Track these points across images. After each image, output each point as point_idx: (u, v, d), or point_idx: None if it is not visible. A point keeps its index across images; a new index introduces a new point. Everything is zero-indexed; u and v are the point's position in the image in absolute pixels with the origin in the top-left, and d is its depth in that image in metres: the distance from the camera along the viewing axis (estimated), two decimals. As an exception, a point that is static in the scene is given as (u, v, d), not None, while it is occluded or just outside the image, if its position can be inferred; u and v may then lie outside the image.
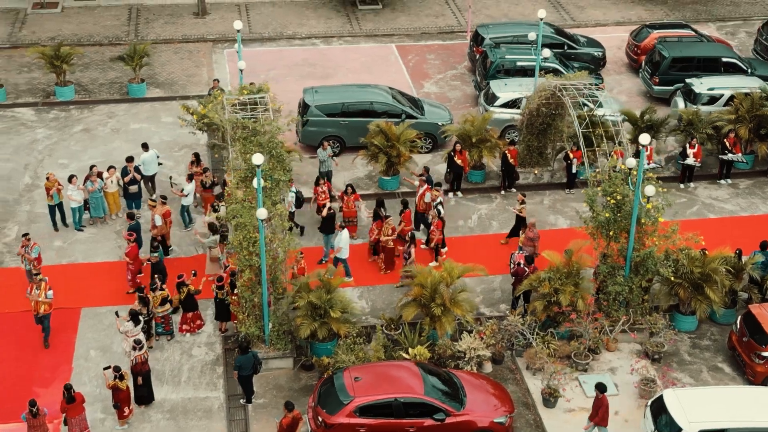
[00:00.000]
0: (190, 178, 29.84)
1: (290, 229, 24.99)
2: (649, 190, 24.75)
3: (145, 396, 23.94)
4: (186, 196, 29.60)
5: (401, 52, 42.40)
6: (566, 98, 30.08)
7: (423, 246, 29.64)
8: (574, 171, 32.67)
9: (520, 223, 29.44)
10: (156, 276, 25.99)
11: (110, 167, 30.56)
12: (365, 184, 33.21)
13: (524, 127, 32.77)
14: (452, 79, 40.41)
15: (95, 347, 25.91)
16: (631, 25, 44.24)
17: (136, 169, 30.58)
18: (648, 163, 32.60)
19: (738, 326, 25.82)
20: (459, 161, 32.20)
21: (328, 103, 34.30)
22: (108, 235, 30.12)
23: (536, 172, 33.38)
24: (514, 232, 29.89)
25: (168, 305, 25.93)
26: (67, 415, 22.47)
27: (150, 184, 31.34)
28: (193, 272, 26.55)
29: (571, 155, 32.48)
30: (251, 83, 31.08)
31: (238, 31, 31.74)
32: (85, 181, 30.09)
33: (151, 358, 25.50)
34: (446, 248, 29.45)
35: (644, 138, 24.77)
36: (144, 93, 38.27)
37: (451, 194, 32.70)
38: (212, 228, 27.83)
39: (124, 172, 30.48)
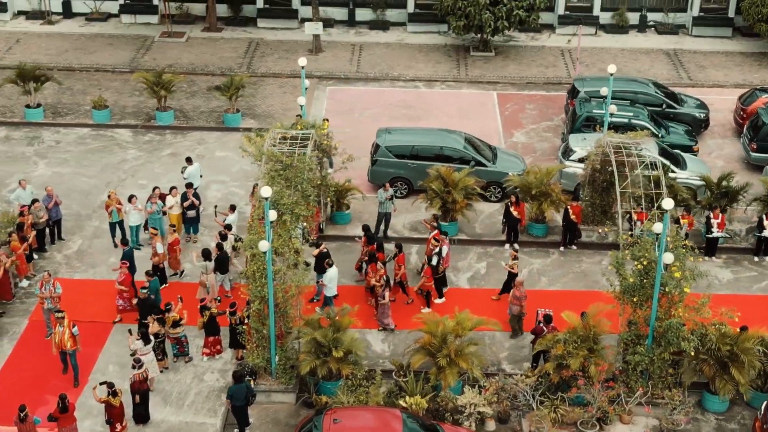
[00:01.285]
0: (233, 208, 30.46)
1: (296, 264, 25.11)
2: (668, 257, 23.59)
3: (141, 414, 24.50)
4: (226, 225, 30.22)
5: (501, 100, 42.02)
6: (629, 157, 29.08)
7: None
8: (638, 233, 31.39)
9: (512, 279, 28.57)
10: (147, 314, 26.18)
11: (172, 188, 31.61)
12: (424, 229, 32.96)
13: (587, 184, 31.82)
14: (545, 130, 39.70)
15: (115, 362, 26.74)
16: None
17: (195, 195, 31.51)
18: (718, 232, 31.06)
19: (762, 412, 24.09)
20: (515, 213, 31.57)
21: (399, 144, 34.40)
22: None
23: (600, 231, 32.28)
24: (506, 289, 29.10)
25: (180, 327, 26.49)
26: (59, 424, 23.24)
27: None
28: (179, 297, 27.02)
29: (634, 216, 31.24)
30: (299, 118, 31.59)
31: (302, 67, 32.30)
32: (147, 202, 31.23)
33: (164, 378, 26.19)
34: (443, 299, 29.08)
35: (667, 203, 23.63)
36: (239, 123, 39.43)
37: (507, 246, 32.06)
38: (205, 254, 28.33)
39: (184, 198, 31.45)
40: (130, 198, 31.15)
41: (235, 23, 48.71)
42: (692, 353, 24.47)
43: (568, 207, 31.52)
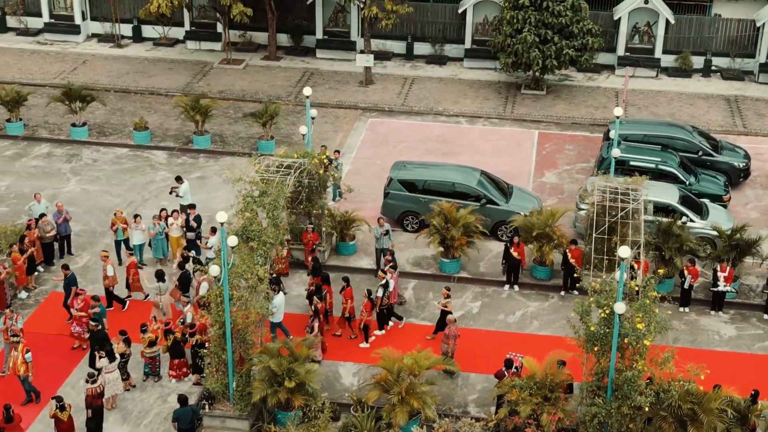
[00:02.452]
0: (213, 230, 30.72)
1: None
2: (619, 307, 22.66)
3: (92, 430, 24.85)
4: (209, 248, 30.50)
5: (541, 139, 41.32)
6: (614, 202, 28.16)
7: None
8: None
9: (445, 317, 27.85)
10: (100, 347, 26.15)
11: (174, 211, 32.18)
12: (427, 264, 32.65)
13: (588, 227, 30.89)
14: (578, 172, 38.80)
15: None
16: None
17: (197, 219, 31.95)
18: (725, 286, 29.72)
19: (719, 476, 22.83)
20: (515, 254, 30.91)
21: (411, 178, 34.19)
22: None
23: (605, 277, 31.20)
24: (440, 327, 28.37)
25: (156, 347, 26.83)
26: (4, 435, 23.83)
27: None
28: (153, 317, 27.30)
29: (635, 265, 30.14)
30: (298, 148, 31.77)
31: (307, 97, 32.33)
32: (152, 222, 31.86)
33: (129, 396, 26.56)
34: (383, 332, 28.88)
35: (623, 251, 22.74)
36: (272, 149, 39.83)
37: (506, 287, 31.41)
38: (158, 275, 28.55)
39: (187, 220, 31.96)
40: (135, 217, 31.83)
41: (295, 53, 49.40)
42: (647, 408, 23.38)
43: (567, 251, 30.69)
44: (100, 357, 25.59)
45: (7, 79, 45.78)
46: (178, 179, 34.06)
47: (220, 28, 49.22)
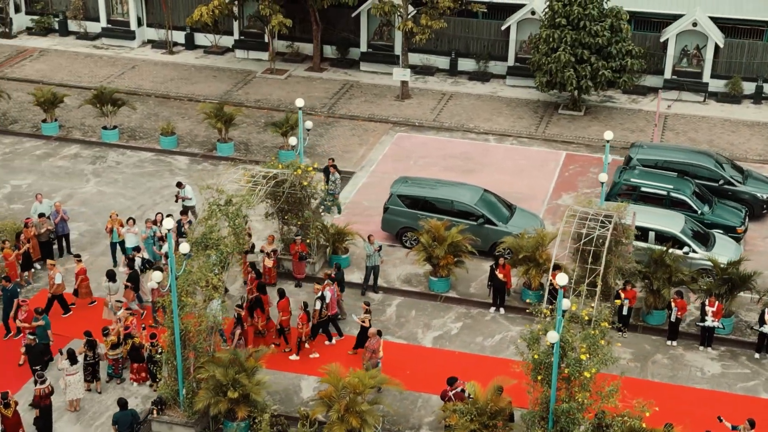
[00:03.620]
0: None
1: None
2: (551, 336, 21.83)
3: (41, 429, 25.13)
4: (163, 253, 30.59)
5: (567, 160, 40.34)
6: (603, 229, 27.18)
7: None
8: (624, 312, 29.25)
9: (365, 333, 27.27)
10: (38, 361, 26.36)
11: (168, 215, 32.41)
12: (417, 281, 32.15)
13: (573, 253, 29.92)
14: (597, 195, 37.54)
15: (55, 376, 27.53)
16: None
17: (189, 223, 32.18)
18: (713, 321, 28.41)
19: None
20: (501, 275, 30.17)
21: (411, 194, 33.80)
22: (154, 279, 31.95)
23: (592, 306, 30.16)
24: (360, 343, 27.87)
25: (118, 349, 27.05)
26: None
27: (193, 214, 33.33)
28: (143, 326, 27.48)
29: (621, 294, 29.12)
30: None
31: (300, 108, 32.24)
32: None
33: (88, 397, 26.84)
34: (332, 342, 28.83)
35: (561, 278, 21.90)
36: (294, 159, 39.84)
37: (492, 309, 30.69)
38: (109, 275, 28.70)
39: (180, 224, 32.22)
40: (128, 220, 32.24)
41: (340, 65, 49.45)
42: (581, 442, 22.50)
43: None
44: (64, 359, 25.85)
45: (55, 81, 47.22)
46: (179, 185, 34.39)
47: (267, 37, 49.62)
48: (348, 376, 24.52)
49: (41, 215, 32.65)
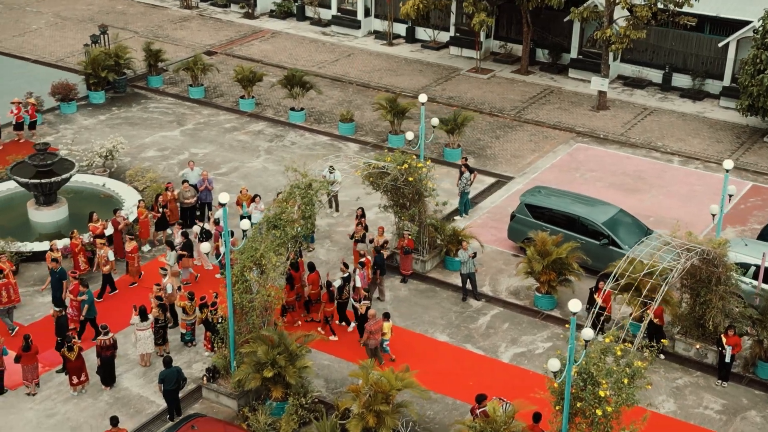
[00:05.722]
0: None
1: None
2: (552, 364, 20.30)
3: (104, 377, 26.57)
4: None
5: (750, 192, 37.02)
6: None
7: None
8: (727, 360, 26.54)
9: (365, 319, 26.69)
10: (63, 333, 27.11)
11: (256, 195, 33.56)
12: (524, 295, 30.81)
13: (681, 287, 27.42)
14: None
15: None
16: None
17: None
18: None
19: None
20: (600, 300, 28.19)
21: (539, 205, 32.42)
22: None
23: (698, 346, 27.61)
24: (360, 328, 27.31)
25: (192, 315, 28.07)
26: (21, 362, 26.14)
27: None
28: (214, 294, 28.24)
29: (723, 339, 26.42)
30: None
31: (423, 103, 31.65)
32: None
33: (157, 359, 27.82)
34: (351, 327, 28.50)
35: (573, 305, 20.19)
36: (458, 158, 39.37)
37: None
38: (169, 244, 29.42)
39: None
40: (254, 197, 33.28)
41: (549, 70, 48.13)
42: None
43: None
44: (135, 315, 27.20)
45: (273, 62, 49.37)
46: (331, 169, 34.35)
47: (482, 36, 49.17)
48: (378, 374, 23.98)
49: (185, 182, 34.35)
